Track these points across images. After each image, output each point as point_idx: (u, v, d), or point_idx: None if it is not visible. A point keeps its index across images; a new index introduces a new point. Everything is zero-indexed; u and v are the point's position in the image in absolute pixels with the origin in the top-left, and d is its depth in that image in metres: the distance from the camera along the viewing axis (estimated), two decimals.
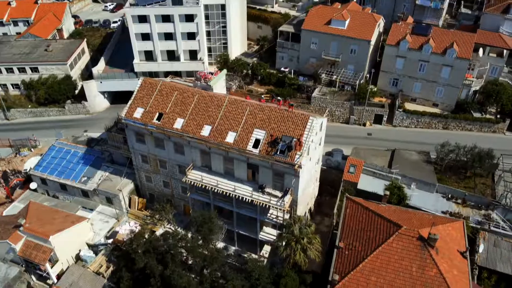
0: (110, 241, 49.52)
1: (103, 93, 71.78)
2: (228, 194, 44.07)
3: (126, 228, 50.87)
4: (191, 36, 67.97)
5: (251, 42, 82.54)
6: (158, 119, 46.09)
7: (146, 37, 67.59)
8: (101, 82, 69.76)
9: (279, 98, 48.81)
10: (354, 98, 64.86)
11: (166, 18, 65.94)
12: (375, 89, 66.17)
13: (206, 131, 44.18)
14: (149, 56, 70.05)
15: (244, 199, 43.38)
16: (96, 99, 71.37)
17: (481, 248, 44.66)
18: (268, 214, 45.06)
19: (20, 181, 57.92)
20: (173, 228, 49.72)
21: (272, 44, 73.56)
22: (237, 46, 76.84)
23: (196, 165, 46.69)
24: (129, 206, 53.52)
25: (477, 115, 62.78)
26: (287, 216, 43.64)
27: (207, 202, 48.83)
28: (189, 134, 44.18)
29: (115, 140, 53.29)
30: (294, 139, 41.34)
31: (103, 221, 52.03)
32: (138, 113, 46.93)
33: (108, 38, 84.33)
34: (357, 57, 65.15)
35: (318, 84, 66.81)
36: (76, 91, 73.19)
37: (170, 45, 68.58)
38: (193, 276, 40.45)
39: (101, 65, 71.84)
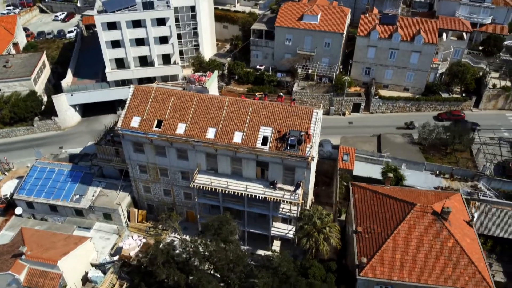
0: (116, 257, 47.52)
1: (74, 106, 68.18)
2: (239, 194, 44.07)
3: (130, 242, 49.12)
4: (164, 40, 66.48)
5: (219, 43, 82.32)
6: (158, 126, 44.87)
7: (117, 44, 65.11)
8: (71, 95, 66.17)
9: (280, 94, 49.36)
10: (332, 89, 67.12)
11: (137, 23, 63.97)
12: (349, 79, 68.81)
13: (211, 133, 43.77)
14: (120, 63, 67.54)
15: (256, 197, 43.62)
16: (68, 113, 67.61)
17: (474, 217, 48.42)
18: (280, 209, 45.63)
19: (0, 208, 53.72)
20: (179, 236, 48.92)
21: (246, 43, 73.87)
22: (208, 48, 76.33)
23: (201, 169, 46.08)
24: (128, 219, 51.61)
25: (445, 95, 67.53)
26: (295, 208, 44.57)
27: (214, 205, 48.57)
28: (194, 138, 43.54)
29: (106, 153, 51.06)
30: (302, 133, 42.25)
31: (104, 238, 49.77)
32: (135, 122, 45.36)
33: (68, 49, 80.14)
34: (331, 50, 67.37)
35: (295, 79, 68.23)
36: (43, 107, 68.89)
37: (143, 50, 66.60)
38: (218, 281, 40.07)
39: (68, 77, 68.13)
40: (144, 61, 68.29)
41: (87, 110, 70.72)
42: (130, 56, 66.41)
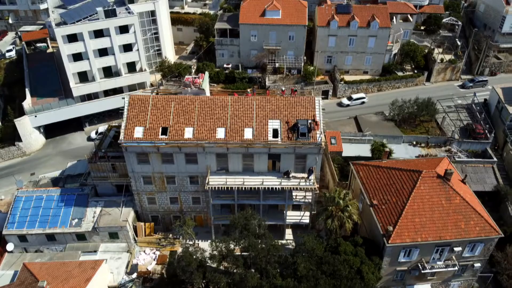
0: (134, 275, 45.76)
1: (38, 128, 63.22)
2: (255, 188, 44.90)
3: (144, 257, 47.71)
4: (129, 47, 64.20)
5: (175, 46, 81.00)
6: (164, 133, 43.96)
7: (79, 57, 61.53)
8: (35, 117, 61.29)
9: (282, 88, 50.38)
10: (301, 80, 69.99)
11: (101, 33, 61.01)
12: (312, 68, 72.18)
13: (221, 133, 43.96)
14: (84, 77, 63.95)
15: (272, 189, 44.81)
16: (32, 136, 62.50)
17: (466, 175, 54.04)
18: (294, 197, 47.25)
19: None
20: (191, 242, 48.49)
21: (210, 44, 73.77)
22: (170, 52, 75.04)
23: (212, 170, 46.05)
24: (135, 234, 49.74)
25: (400, 73, 73.82)
26: (309, 194, 46.64)
27: (223, 205, 48.85)
28: (206, 140, 43.39)
29: (101, 170, 48.57)
30: (310, 121, 44.23)
31: (115, 258, 47.51)
32: (139, 132, 43.96)
33: (12, 69, 73.64)
34: (295, 42, 70.03)
35: (265, 74, 69.94)
36: None
37: (108, 61, 63.67)
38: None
39: (28, 98, 62.86)
40: (109, 72, 65.35)
41: (50, 131, 66.02)
42: (94, 68, 63.13)
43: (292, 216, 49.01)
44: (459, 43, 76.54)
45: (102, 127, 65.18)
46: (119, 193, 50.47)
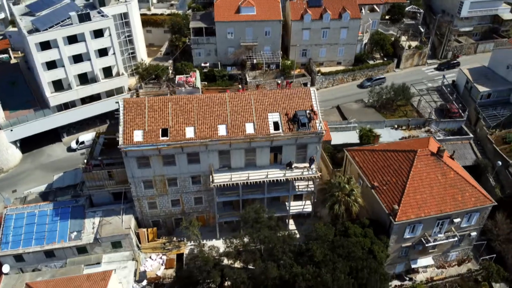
0: (144, 282, 44.77)
1: (14, 142, 59.76)
2: (260, 182, 45.29)
3: (152, 263, 46.82)
4: (104, 52, 62.09)
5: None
6: (164, 135, 43.24)
7: (53, 64, 58.75)
8: (11, 131, 57.91)
9: (278, 81, 50.76)
10: (280, 74, 71.04)
11: (75, 38, 58.62)
12: (289, 62, 73.48)
13: (222, 130, 43.92)
14: (59, 85, 61.16)
15: (276, 181, 45.37)
16: (9, 151, 58.98)
17: (454, 152, 57.25)
18: (297, 187, 48.07)
19: None
20: (196, 243, 48.09)
21: (186, 44, 72.94)
22: (144, 54, 73.43)
23: (214, 168, 45.86)
24: (139, 241, 48.49)
25: (371, 62, 76.79)
26: (311, 183, 47.73)
27: (226, 202, 48.82)
28: (208, 138, 43.18)
29: (97, 178, 46.88)
30: (308, 111, 45.22)
31: (121, 268, 46.12)
32: (138, 136, 42.93)
33: None
34: (271, 37, 70.85)
35: (245, 70, 70.29)
36: None
37: (84, 67, 61.20)
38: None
39: (0, 112, 59.12)
40: (85, 78, 62.88)
41: (26, 145, 62.55)
42: (70, 75, 60.50)
43: (295, 206, 49.83)
44: (422, 29, 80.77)
45: (82, 136, 62.84)
46: (116, 201, 49.01)
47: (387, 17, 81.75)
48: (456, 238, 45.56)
